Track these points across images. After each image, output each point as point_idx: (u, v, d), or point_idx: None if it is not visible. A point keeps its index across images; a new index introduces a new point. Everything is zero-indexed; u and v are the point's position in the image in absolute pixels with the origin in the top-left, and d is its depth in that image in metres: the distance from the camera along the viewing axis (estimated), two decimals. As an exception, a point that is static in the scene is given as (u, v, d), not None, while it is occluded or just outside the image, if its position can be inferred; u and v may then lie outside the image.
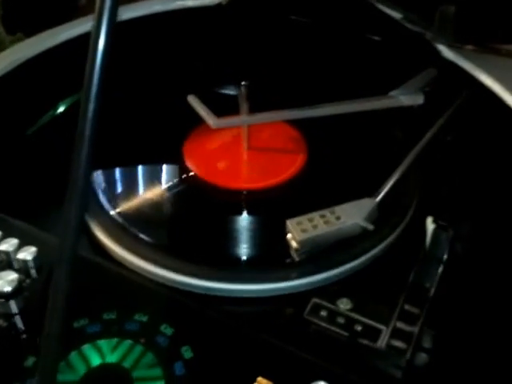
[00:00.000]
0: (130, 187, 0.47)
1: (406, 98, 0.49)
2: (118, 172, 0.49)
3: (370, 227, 0.40)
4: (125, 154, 0.50)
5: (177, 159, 0.49)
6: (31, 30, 0.75)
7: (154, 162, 0.50)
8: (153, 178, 0.49)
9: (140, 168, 0.50)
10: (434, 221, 0.39)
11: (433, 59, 0.52)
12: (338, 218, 0.40)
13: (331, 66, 0.57)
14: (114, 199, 0.45)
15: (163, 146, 0.51)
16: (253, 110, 0.47)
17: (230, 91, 0.57)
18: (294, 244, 0.39)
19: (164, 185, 0.47)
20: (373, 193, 0.42)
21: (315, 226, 0.39)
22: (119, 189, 0.47)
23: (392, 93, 0.49)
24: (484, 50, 0.51)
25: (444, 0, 0.51)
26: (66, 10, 0.87)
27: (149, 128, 0.53)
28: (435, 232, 0.39)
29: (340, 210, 0.40)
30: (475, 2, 0.51)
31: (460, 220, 0.40)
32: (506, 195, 0.43)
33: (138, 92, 0.56)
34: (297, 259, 0.39)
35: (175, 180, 0.47)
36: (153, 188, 0.47)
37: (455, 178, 0.46)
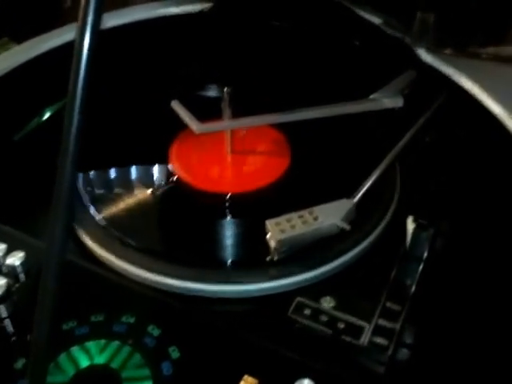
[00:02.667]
0: (116, 191, 0.48)
1: (386, 100, 0.50)
2: (104, 176, 0.49)
3: (347, 227, 0.41)
4: (110, 159, 0.51)
5: (162, 163, 0.49)
6: (17, 34, 0.76)
7: (139, 166, 0.50)
8: (138, 182, 0.49)
9: (126, 172, 0.50)
10: (415, 220, 0.40)
11: (412, 63, 0.53)
12: (315, 219, 0.41)
13: (313, 71, 0.58)
14: (100, 203, 0.45)
15: (149, 151, 0.51)
16: (236, 114, 0.48)
17: (214, 95, 0.58)
18: (272, 243, 0.40)
19: (149, 188, 0.47)
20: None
21: (293, 226, 0.40)
22: (105, 192, 0.47)
23: (372, 96, 0.50)
24: (462, 54, 0.52)
25: (423, 5, 0.52)
26: (51, 14, 0.87)
27: (134, 133, 0.54)
28: (416, 231, 0.40)
29: (318, 210, 0.41)
30: (453, 8, 0.52)
31: (439, 219, 0.41)
32: (484, 194, 0.44)
33: (123, 97, 0.56)
34: (275, 258, 0.40)
35: (160, 184, 0.48)
36: (138, 192, 0.47)
37: (434, 177, 0.47)
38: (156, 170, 0.50)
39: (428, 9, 0.52)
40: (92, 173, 0.48)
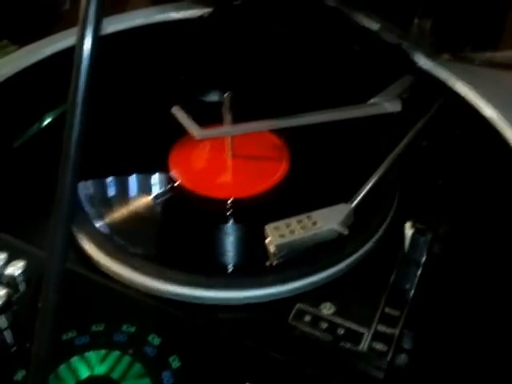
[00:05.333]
0: (116, 198, 0.48)
1: (384, 105, 0.50)
2: (104, 183, 0.50)
3: (345, 232, 0.41)
4: (110, 165, 0.51)
5: (163, 169, 0.49)
6: (17, 37, 0.76)
7: (139, 173, 0.51)
8: (139, 189, 0.49)
9: (126, 178, 0.50)
10: (413, 225, 0.40)
11: (410, 68, 0.53)
12: (314, 224, 0.41)
13: (312, 76, 0.59)
14: (100, 210, 0.45)
15: (149, 157, 0.51)
16: (237, 119, 0.48)
17: (215, 100, 0.58)
18: (271, 248, 0.40)
19: (150, 195, 0.48)
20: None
21: (292, 231, 0.40)
22: (105, 199, 0.47)
23: (371, 101, 0.51)
24: (458, 59, 0.52)
25: (420, 12, 0.53)
26: (50, 16, 0.87)
27: (135, 139, 0.54)
28: (414, 236, 0.40)
29: (316, 215, 0.41)
30: (449, 15, 0.53)
31: (438, 223, 0.42)
32: (482, 198, 0.45)
33: (124, 103, 0.57)
34: (274, 263, 0.40)
35: (161, 190, 0.48)
36: (139, 198, 0.47)
37: (432, 182, 0.47)
38: (156, 176, 0.50)
39: (425, 16, 0.52)
40: (93, 180, 0.49)
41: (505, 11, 0.55)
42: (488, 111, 0.45)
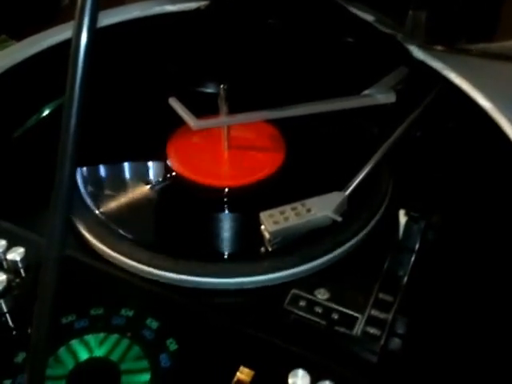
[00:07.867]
0: (115, 186, 0.49)
1: (379, 96, 0.51)
2: (102, 171, 0.50)
3: (339, 219, 0.41)
4: (110, 154, 0.51)
5: (160, 158, 0.50)
6: (16, 32, 0.76)
7: (138, 162, 0.51)
8: (137, 177, 0.50)
9: (124, 167, 0.51)
10: (407, 213, 0.41)
11: (404, 59, 0.54)
12: (308, 211, 0.42)
13: (307, 67, 0.59)
14: (98, 198, 0.46)
15: (147, 147, 0.52)
16: (233, 110, 0.48)
17: (211, 91, 0.58)
18: (266, 235, 0.41)
19: (148, 183, 0.48)
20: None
21: (286, 218, 0.41)
22: (104, 187, 0.48)
23: (365, 92, 0.51)
24: (453, 50, 0.52)
25: (415, 4, 0.53)
26: (50, 11, 0.88)
27: (133, 129, 0.54)
28: (408, 223, 0.40)
29: (310, 202, 0.42)
30: (444, 6, 0.53)
31: (431, 211, 0.42)
32: (474, 187, 0.45)
33: (122, 95, 0.57)
34: (269, 249, 0.41)
35: (158, 179, 0.49)
36: (137, 186, 0.48)
37: (425, 171, 0.48)
38: (154, 165, 0.51)
39: (420, 7, 0.53)
40: (91, 168, 0.49)
41: (499, 4, 0.55)
42: (483, 102, 0.46)
